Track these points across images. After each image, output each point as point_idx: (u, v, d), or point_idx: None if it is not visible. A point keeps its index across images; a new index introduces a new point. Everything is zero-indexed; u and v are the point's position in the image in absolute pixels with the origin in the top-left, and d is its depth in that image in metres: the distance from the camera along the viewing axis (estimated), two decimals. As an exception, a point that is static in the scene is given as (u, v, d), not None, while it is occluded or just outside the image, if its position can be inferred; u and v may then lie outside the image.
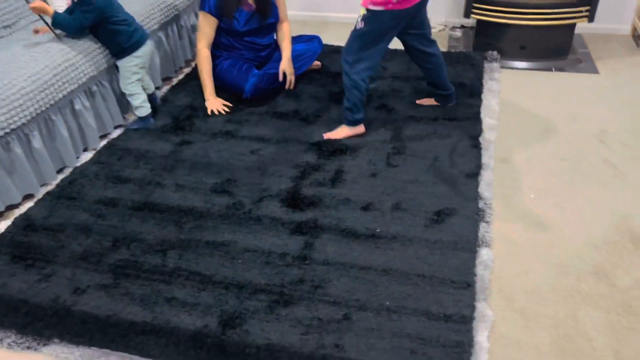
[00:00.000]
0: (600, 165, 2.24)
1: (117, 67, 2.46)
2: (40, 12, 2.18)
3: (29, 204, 2.10)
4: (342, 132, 2.43)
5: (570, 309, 1.63)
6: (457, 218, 1.92)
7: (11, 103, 1.96)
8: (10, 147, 1.99)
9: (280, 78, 2.75)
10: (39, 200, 2.10)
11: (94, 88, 2.37)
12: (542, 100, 2.73)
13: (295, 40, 2.93)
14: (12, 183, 2.02)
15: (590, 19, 2.97)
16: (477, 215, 1.94)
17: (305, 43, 2.91)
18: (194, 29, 3.19)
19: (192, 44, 3.20)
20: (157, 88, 2.84)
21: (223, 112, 2.63)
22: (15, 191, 2.04)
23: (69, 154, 2.26)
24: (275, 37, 2.89)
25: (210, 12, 2.62)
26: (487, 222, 1.93)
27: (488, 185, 2.10)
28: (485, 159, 2.25)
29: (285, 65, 2.76)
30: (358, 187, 2.10)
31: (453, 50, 3.23)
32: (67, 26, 2.23)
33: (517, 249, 1.84)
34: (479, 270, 1.72)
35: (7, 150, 1.98)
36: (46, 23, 2.24)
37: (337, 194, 2.06)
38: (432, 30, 3.62)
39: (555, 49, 3.11)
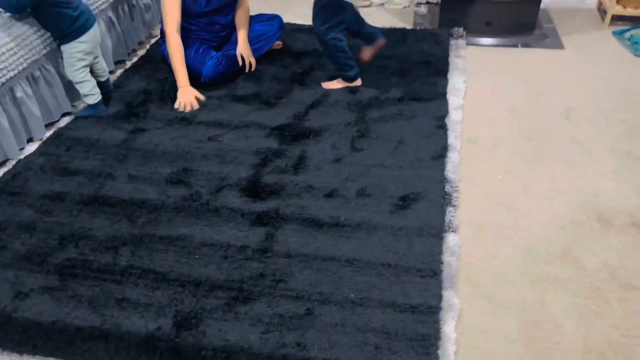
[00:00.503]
0: (567, 142, 2.21)
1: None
2: None
3: (-32, 201, 1.96)
4: (338, 84, 2.56)
5: (537, 294, 1.59)
6: (422, 203, 1.86)
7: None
8: (-58, 140, 1.83)
9: (240, 62, 2.62)
10: (-21, 197, 1.96)
11: (37, 73, 2.21)
12: (508, 77, 2.68)
13: (255, 19, 2.80)
14: (-53, 179, 1.87)
15: (556, -7, 2.92)
16: (443, 200, 1.88)
17: (265, 23, 2.77)
18: (146, 8, 3.02)
19: (145, 24, 3.04)
20: (111, 72, 2.68)
21: (192, 108, 2.44)
22: (-49, 188, 1.90)
23: (11, 146, 2.10)
24: (232, 15, 2.75)
25: None
26: (453, 206, 1.87)
27: (454, 167, 2.05)
28: (451, 139, 2.19)
29: (242, 48, 2.63)
30: (321, 174, 2.02)
31: (418, 28, 3.14)
32: (3, 1, 2.05)
33: (484, 233, 1.79)
34: (446, 257, 1.67)
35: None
36: None
37: (299, 181, 1.98)
38: (397, 7, 3.55)
39: (521, 24, 3.06)
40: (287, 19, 2.97)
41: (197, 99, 2.48)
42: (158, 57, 2.84)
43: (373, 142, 2.18)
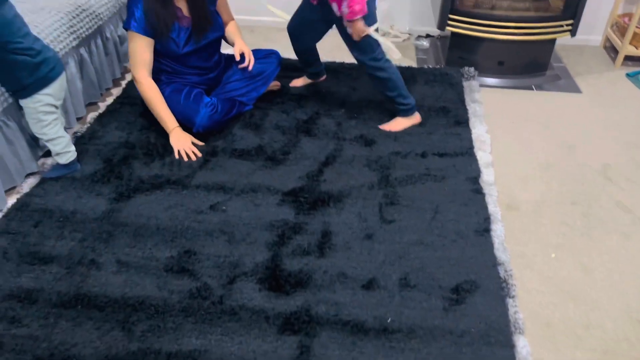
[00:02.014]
0: (614, 209, 1.99)
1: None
2: None
3: None
4: (400, 123, 2.32)
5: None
6: (479, 295, 1.58)
7: None
8: None
9: (237, 58, 2.25)
10: None
11: (-5, 132, 1.80)
12: (531, 126, 2.45)
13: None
14: None
15: (573, 33, 2.73)
16: (501, 290, 1.60)
17: (261, 60, 2.43)
18: (121, 40, 2.62)
19: (121, 59, 2.64)
20: (80, 119, 2.28)
21: (193, 158, 2.10)
22: None
23: (-36, 226, 1.68)
24: (219, 54, 2.39)
25: (139, 31, 2.03)
26: (512, 297, 1.60)
27: (501, 243, 1.78)
28: (491, 207, 1.93)
29: (242, 45, 2.26)
30: (353, 255, 1.70)
31: (426, 66, 2.89)
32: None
33: (553, 333, 1.53)
34: (522, 372, 1.39)
35: None
36: None
37: (329, 267, 1.66)
38: (397, 40, 3.29)
39: (533, 64, 2.86)
40: (281, 53, 2.64)
41: (195, 145, 2.13)
42: (136, 97, 2.45)
43: (404, 210, 1.89)
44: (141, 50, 2.06)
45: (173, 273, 1.62)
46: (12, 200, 1.88)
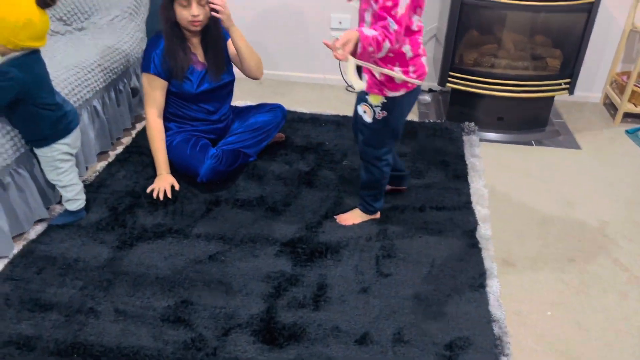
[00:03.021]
0: (612, 267, 1.99)
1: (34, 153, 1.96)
2: None
3: None
4: (357, 217, 2.13)
5: None
6: (472, 352, 1.58)
7: None
8: None
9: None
10: None
11: (7, 180, 1.87)
12: (530, 181, 2.49)
13: (256, 109, 2.56)
14: None
15: (571, 91, 2.80)
16: (495, 347, 1.60)
17: (267, 113, 2.52)
18: (133, 92, 2.74)
19: (132, 110, 2.75)
20: (87, 168, 2.36)
21: (162, 197, 2.18)
22: None
23: (-30, 271, 1.73)
24: (230, 106, 2.50)
25: (157, 74, 2.19)
26: (506, 354, 1.59)
27: (497, 300, 1.79)
28: (487, 262, 1.94)
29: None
30: (348, 309, 1.72)
31: (427, 120, 2.96)
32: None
33: (547, 393, 1.52)
34: None
35: None
36: None
37: (323, 320, 1.67)
38: (399, 94, 3.38)
39: (533, 120, 2.93)
40: (285, 105, 2.73)
41: (172, 187, 2.22)
42: (145, 147, 2.54)
43: (401, 264, 1.91)
44: (155, 92, 2.23)
45: (169, 323, 1.64)
46: (18, 247, 1.94)
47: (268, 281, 1.82)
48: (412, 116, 3.07)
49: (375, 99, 1.82)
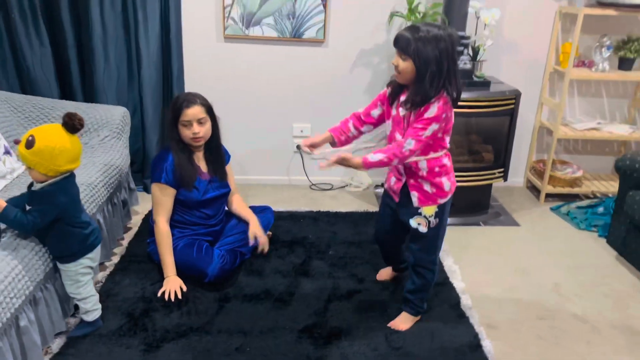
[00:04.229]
0: (572, 320, 2.39)
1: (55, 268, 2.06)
2: None
3: None
4: (408, 321, 2.25)
5: None
6: (489, 404, 1.84)
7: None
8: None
9: (251, 242, 2.58)
10: None
11: (39, 295, 1.95)
12: (489, 255, 2.91)
13: (247, 211, 2.82)
14: None
15: (505, 178, 3.36)
16: (505, 397, 1.88)
17: (259, 215, 2.79)
18: (123, 203, 2.90)
19: (122, 220, 2.89)
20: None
21: (172, 297, 2.29)
22: None
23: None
24: (224, 208, 2.75)
25: (167, 183, 2.43)
26: (515, 402, 1.87)
27: (493, 357, 2.09)
28: (476, 327, 2.26)
29: (256, 228, 2.62)
30: (374, 381, 1.93)
31: (390, 211, 3.36)
32: (17, 225, 1.85)
33: None
34: None
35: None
36: None
37: (356, 393, 1.86)
38: (357, 190, 3.79)
39: (477, 204, 3.42)
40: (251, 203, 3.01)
41: (181, 288, 2.36)
42: (141, 256, 2.67)
43: (407, 337, 2.17)
44: (165, 200, 2.45)
45: (218, 413, 1.75)
46: (46, 362, 1.97)
47: (297, 364, 2.00)
48: (374, 207, 3.45)
49: (430, 210, 2.07)
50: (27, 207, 1.88)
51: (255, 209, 2.83)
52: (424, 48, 1.79)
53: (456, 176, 3.24)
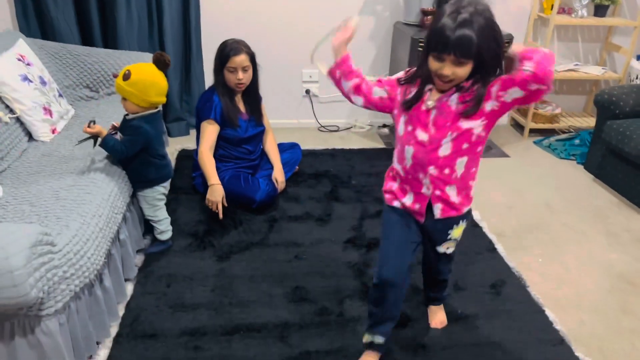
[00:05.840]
0: (564, 228, 2.86)
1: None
2: (94, 133, 2.07)
3: None
4: (443, 314, 2.12)
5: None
6: (510, 287, 2.29)
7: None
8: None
9: (275, 183, 2.88)
10: None
11: (128, 215, 2.24)
12: (489, 180, 3.35)
13: (279, 148, 3.12)
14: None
15: (497, 115, 3.76)
16: (521, 282, 2.33)
17: (288, 151, 3.13)
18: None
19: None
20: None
21: (215, 209, 2.57)
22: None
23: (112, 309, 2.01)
24: (262, 145, 3.05)
25: (215, 120, 2.71)
26: (528, 286, 2.33)
27: (506, 256, 2.54)
28: (488, 235, 2.70)
29: (279, 174, 2.93)
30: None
31: (390, 147, 3.74)
32: (113, 151, 2.12)
33: (563, 303, 2.27)
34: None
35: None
36: (94, 142, 2.13)
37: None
38: (361, 131, 4.14)
39: (472, 139, 3.83)
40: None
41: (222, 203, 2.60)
42: (185, 187, 2.96)
43: (433, 243, 2.59)
44: (210, 133, 2.71)
45: (294, 302, 2.13)
46: (138, 269, 2.28)
47: (348, 267, 2.38)
48: (377, 145, 3.81)
49: (459, 231, 1.80)
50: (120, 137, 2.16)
51: (285, 145, 3.15)
52: (486, 41, 1.39)
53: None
